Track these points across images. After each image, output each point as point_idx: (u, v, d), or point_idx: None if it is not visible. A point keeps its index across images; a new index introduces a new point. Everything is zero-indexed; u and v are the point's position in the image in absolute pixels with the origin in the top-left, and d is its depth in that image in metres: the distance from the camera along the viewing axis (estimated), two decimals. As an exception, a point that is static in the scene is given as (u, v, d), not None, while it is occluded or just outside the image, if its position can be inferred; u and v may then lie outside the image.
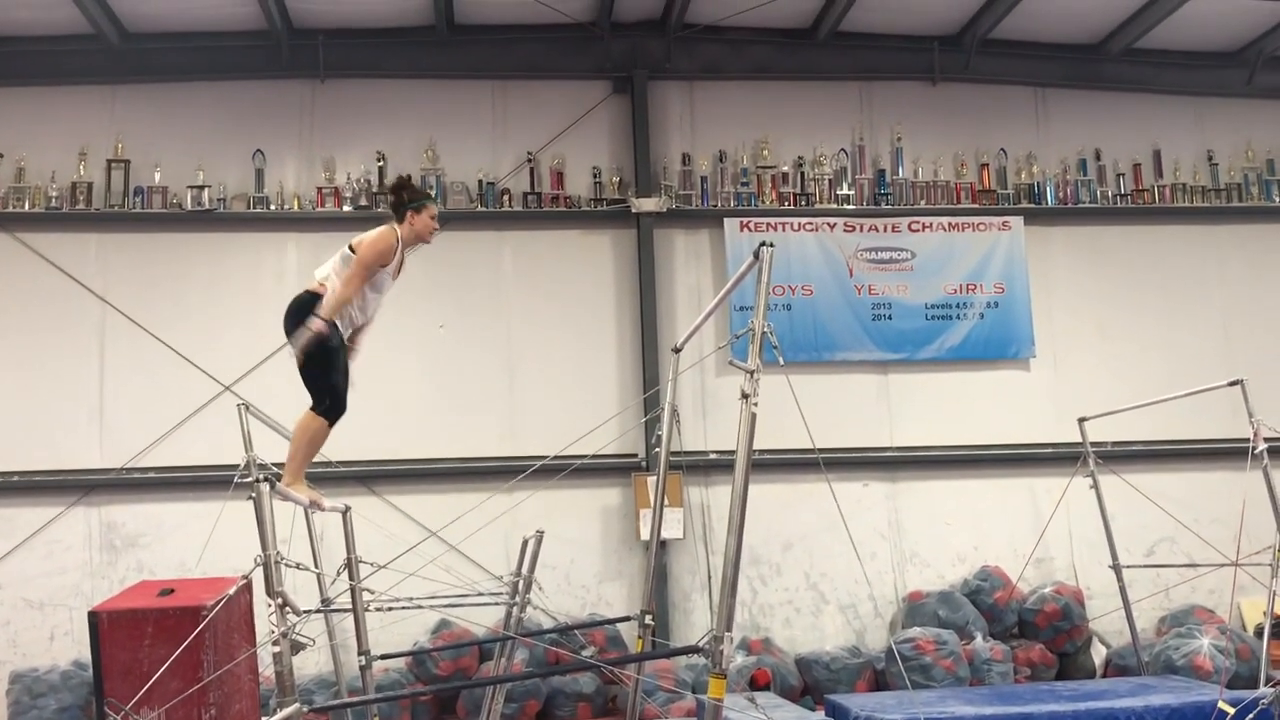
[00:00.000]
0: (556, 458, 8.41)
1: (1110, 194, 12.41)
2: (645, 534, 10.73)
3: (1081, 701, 8.29)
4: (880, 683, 10.87)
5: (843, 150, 12.16)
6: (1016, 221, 12.11)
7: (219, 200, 11.29)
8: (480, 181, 11.64)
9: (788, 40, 12.10)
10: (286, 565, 5.30)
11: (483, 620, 10.14)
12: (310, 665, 10.29)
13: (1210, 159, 12.65)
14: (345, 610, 7.79)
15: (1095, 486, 10.32)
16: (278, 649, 4.99)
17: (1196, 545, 10.87)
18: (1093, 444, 10.43)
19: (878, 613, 11.45)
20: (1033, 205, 12.23)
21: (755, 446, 5.14)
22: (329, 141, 11.62)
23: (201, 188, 11.24)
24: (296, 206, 11.42)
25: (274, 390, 10.78)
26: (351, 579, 7.07)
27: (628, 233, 11.72)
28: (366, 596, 7.45)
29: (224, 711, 6.37)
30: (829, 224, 11.86)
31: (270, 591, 5.01)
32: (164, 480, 10.86)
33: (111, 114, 11.41)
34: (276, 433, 8.69)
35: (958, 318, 11.92)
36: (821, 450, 6.41)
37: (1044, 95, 12.58)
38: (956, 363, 11.90)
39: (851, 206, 11.99)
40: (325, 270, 6.65)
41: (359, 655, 7.47)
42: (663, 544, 10.40)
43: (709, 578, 10.89)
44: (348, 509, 7.51)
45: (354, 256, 6.52)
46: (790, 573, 11.43)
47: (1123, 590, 10.28)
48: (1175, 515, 10.79)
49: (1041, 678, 10.93)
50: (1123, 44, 12.20)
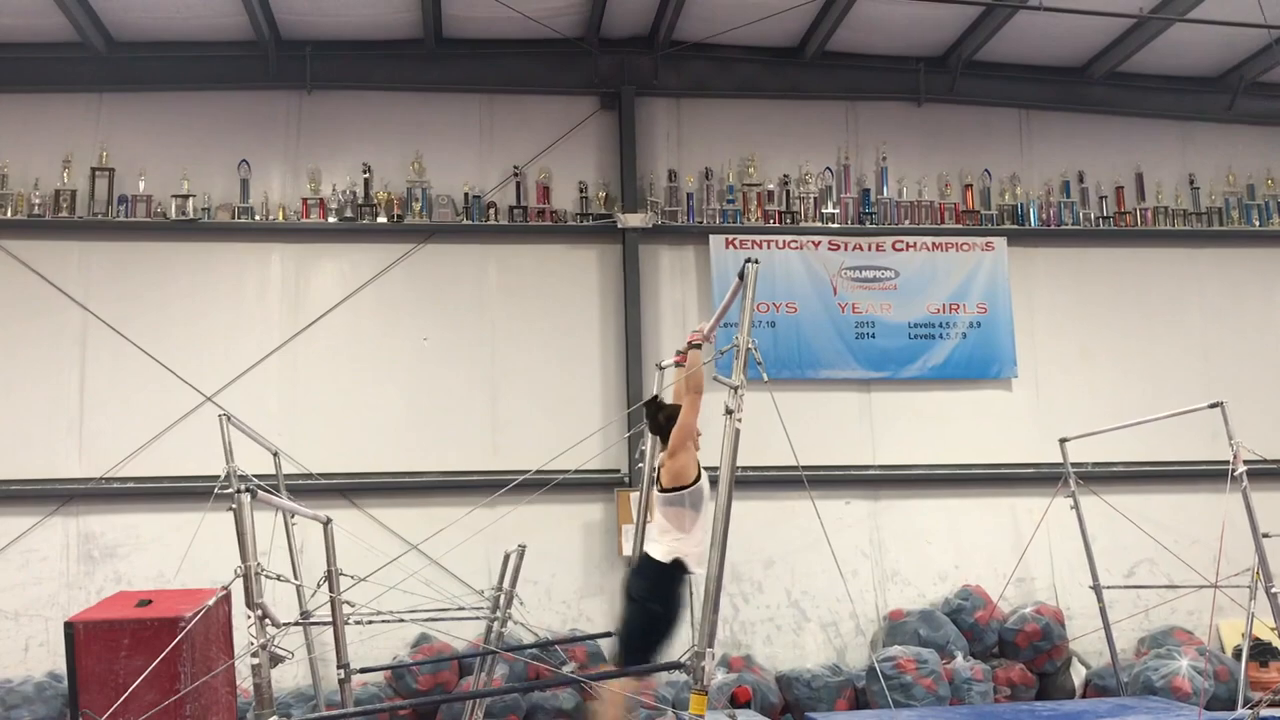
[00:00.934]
0: (539, 472, 8.39)
1: (1093, 216, 12.51)
2: (627, 550, 10.69)
3: (1061, 721, 8.31)
4: (861, 701, 10.86)
5: (828, 169, 12.22)
6: (1000, 242, 12.18)
7: (203, 210, 11.25)
8: (466, 195, 11.63)
9: (775, 59, 12.17)
10: (267, 577, 5.26)
11: (463, 635, 10.09)
12: (289, 678, 10.22)
13: (1192, 183, 12.76)
14: (325, 623, 7.73)
15: (1076, 507, 10.38)
16: (256, 661, 4.96)
17: (1176, 566, 10.94)
18: (1074, 464, 10.49)
19: (859, 631, 11.45)
20: (1016, 226, 12.30)
21: (738, 463, 5.15)
22: (315, 153, 11.61)
23: (186, 197, 11.20)
24: (281, 217, 11.39)
25: (256, 401, 10.79)
26: (331, 591, 7.02)
27: (613, 248, 11.73)
28: (346, 609, 7.39)
29: (200, 724, 6.32)
30: (814, 242, 11.91)
31: (250, 603, 4.97)
32: (143, 490, 10.78)
33: (97, 122, 11.36)
34: (257, 443, 8.68)
35: (940, 337, 11.97)
36: (804, 468, 6.41)
37: (1028, 117, 12.67)
38: (939, 382, 11.94)
39: (836, 225, 12.04)
40: (669, 541, 6.65)
41: (338, 669, 7.40)
42: (644, 560, 10.36)
43: (691, 594, 10.90)
44: (328, 521, 7.47)
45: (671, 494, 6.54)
46: (772, 590, 11.42)
47: (1103, 611, 10.33)
48: (1155, 537, 10.85)
49: (1021, 697, 10.94)
50: (1106, 68, 12.31)
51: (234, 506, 5.14)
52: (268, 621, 5.01)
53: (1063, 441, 10.54)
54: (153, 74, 11.42)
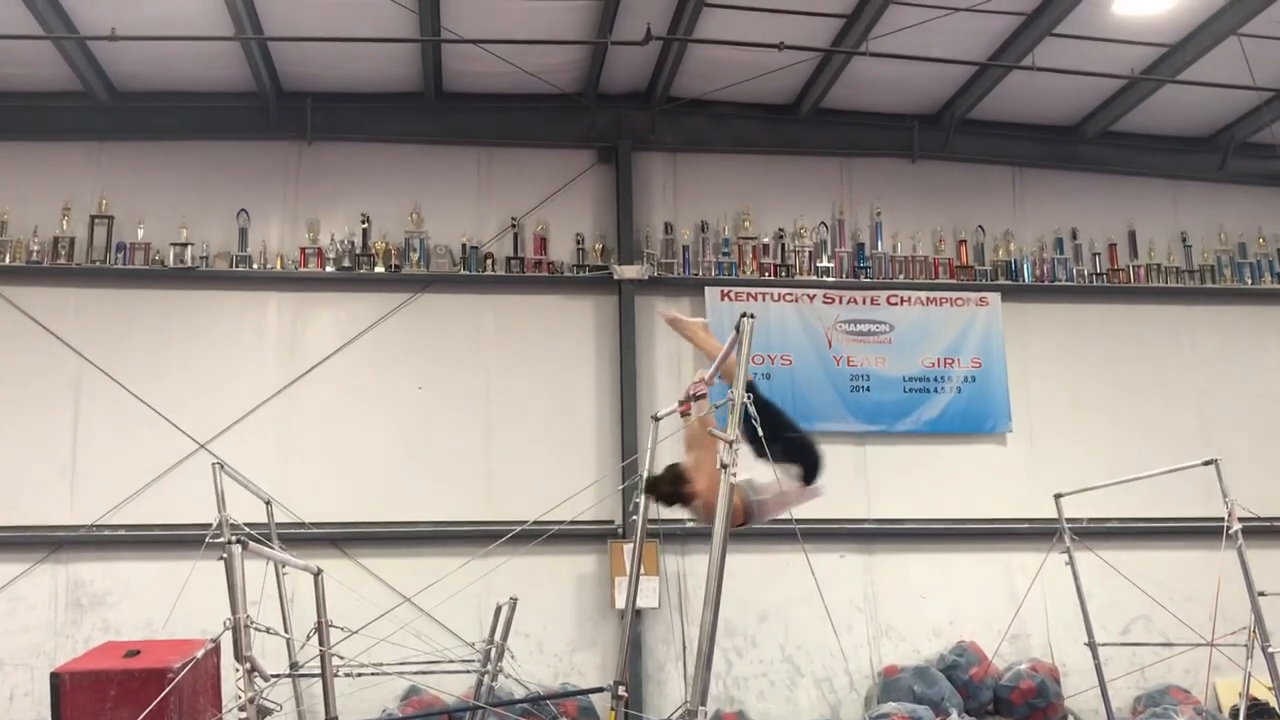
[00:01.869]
0: (533, 523, 8.37)
1: (1086, 272, 12.58)
2: (620, 602, 10.63)
3: (1057, 781, 8.22)
4: (854, 759, 10.74)
5: (823, 223, 12.30)
6: (994, 297, 12.24)
7: (201, 258, 11.29)
8: (464, 245, 11.70)
9: (770, 115, 12.30)
10: (256, 629, 5.23)
11: (453, 688, 9.98)
12: (276, 731, 10.08)
13: (1184, 241, 12.86)
14: (314, 675, 7.68)
15: (1071, 563, 10.34)
16: (245, 715, 4.91)
17: (1172, 624, 10.87)
18: (1068, 520, 10.46)
19: (853, 687, 11.34)
20: (1010, 282, 12.38)
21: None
22: (314, 202, 11.68)
23: (184, 245, 11.25)
24: (279, 266, 11.43)
25: (249, 449, 10.76)
26: (321, 644, 6.97)
27: (609, 299, 11.78)
28: (336, 662, 7.33)
29: (186, 778, 6.24)
30: (809, 295, 11.96)
31: (239, 655, 4.93)
32: (134, 538, 10.72)
33: (97, 170, 11.44)
34: (250, 492, 8.65)
35: (935, 391, 11.98)
36: (798, 521, 6.39)
37: (1022, 174, 12.80)
38: (933, 436, 11.94)
39: (831, 279, 12.11)
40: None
41: (326, 721, 7.32)
42: (638, 613, 10.32)
43: (684, 648, 10.84)
44: (319, 572, 7.43)
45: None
46: (765, 644, 11.33)
47: (1098, 668, 10.25)
48: (1150, 594, 10.79)
49: (1017, 756, 10.83)
50: (1099, 127, 12.45)
51: (225, 557, 5.12)
52: (256, 674, 4.97)
53: (1057, 497, 10.52)
54: (154, 123, 11.52)
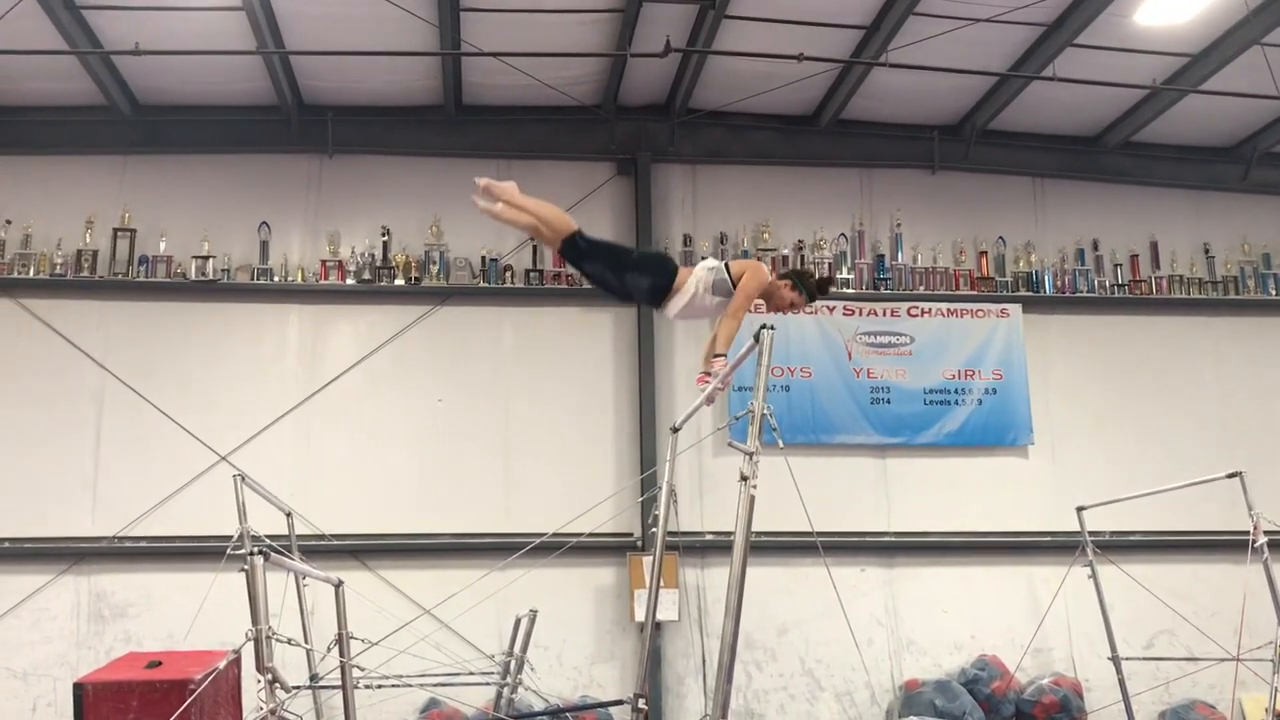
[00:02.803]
0: (552, 536, 8.36)
1: (1108, 284, 12.51)
2: (640, 615, 10.61)
3: (1081, 797, 8.14)
4: (876, 773, 10.68)
5: (843, 235, 12.28)
6: (1015, 309, 12.19)
7: (223, 271, 11.36)
8: (483, 258, 11.73)
9: (789, 127, 12.30)
10: (277, 640, 5.23)
11: (473, 700, 9.98)
12: (296, 743, 10.10)
13: (1207, 251, 12.77)
14: (334, 687, 7.67)
15: (1094, 576, 10.26)
16: (265, 726, 4.91)
17: (1196, 638, 10.78)
18: (1091, 533, 10.38)
19: (874, 701, 11.27)
20: (1031, 293, 12.32)
21: (752, 529, 5.12)
22: (334, 215, 11.74)
23: (206, 258, 11.32)
24: (300, 279, 11.49)
25: (270, 461, 10.80)
26: (342, 655, 6.96)
27: (628, 311, 11.77)
28: (356, 673, 7.33)
29: (207, 789, 6.25)
30: (828, 307, 11.93)
31: (260, 667, 4.94)
32: (155, 550, 10.76)
33: (120, 184, 11.53)
34: (271, 504, 8.68)
35: (956, 403, 11.93)
36: (819, 534, 6.37)
37: (1042, 185, 12.74)
38: (954, 448, 11.88)
39: (851, 290, 12.07)
40: (701, 272, 6.73)
41: (346, 734, 7.32)
42: (657, 626, 10.28)
43: (704, 661, 10.79)
44: (340, 584, 7.43)
45: (729, 280, 6.54)
46: (785, 658, 11.28)
47: (1122, 683, 10.15)
48: (1174, 607, 10.70)
49: (1040, 772, 10.74)
50: (1120, 137, 12.40)
51: (246, 568, 5.13)
52: (278, 686, 4.97)
53: (1080, 510, 10.44)
54: (176, 137, 11.61)
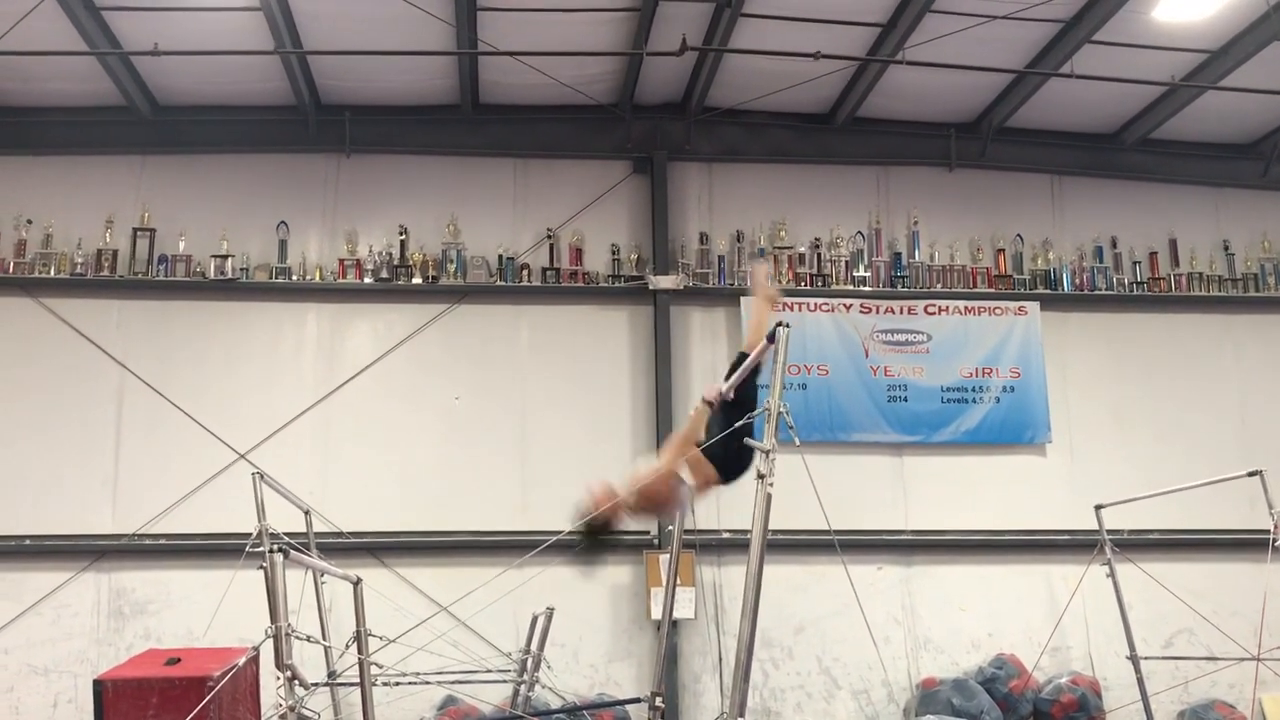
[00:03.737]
0: (569, 533, 8.36)
1: (1126, 281, 12.46)
2: (656, 613, 10.61)
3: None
4: (893, 772, 10.66)
5: (859, 233, 12.26)
6: (1033, 307, 12.14)
7: (242, 270, 11.42)
8: (500, 256, 11.75)
9: (806, 125, 12.28)
10: (296, 638, 5.26)
11: (490, 697, 10.01)
12: (314, 740, 10.15)
13: (1226, 249, 12.69)
14: (353, 684, 7.72)
15: (1112, 575, 10.22)
16: (284, 722, 4.94)
17: (1216, 637, 10.72)
18: (1109, 531, 10.35)
19: (891, 699, 11.26)
20: (1049, 291, 12.27)
21: (769, 527, 5.12)
22: (352, 214, 11.79)
23: (225, 257, 11.38)
24: (318, 277, 11.54)
25: (288, 459, 10.86)
26: (360, 653, 7.01)
27: (645, 309, 11.79)
28: (374, 670, 7.37)
29: (226, 785, 6.29)
30: (845, 305, 11.92)
31: (280, 664, 4.97)
32: (175, 547, 10.84)
33: (139, 183, 11.60)
34: (289, 502, 8.73)
35: (973, 401, 11.90)
36: (836, 532, 6.35)
37: (1060, 183, 12.69)
38: (972, 446, 11.84)
39: (868, 288, 12.05)
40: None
41: (364, 730, 7.36)
42: (674, 624, 10.29)
43: (720, 660, 10.80)
44: (358, 581, 7.47)
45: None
46: (802, 656, 11.28)
47: (1140, 682, 10.11)
48: (1194, 606, 10.65)
49: (1058, 771, 10.71)
50: (1139, 134, 12.33)
51: (265, 566, 5.16)
52: (296, 682, 5.00)
53: (1098, 508, 10.40)
54: (195, 137, 11.67)
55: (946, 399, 11.86)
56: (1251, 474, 8.97)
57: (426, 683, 8.68)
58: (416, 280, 11.60)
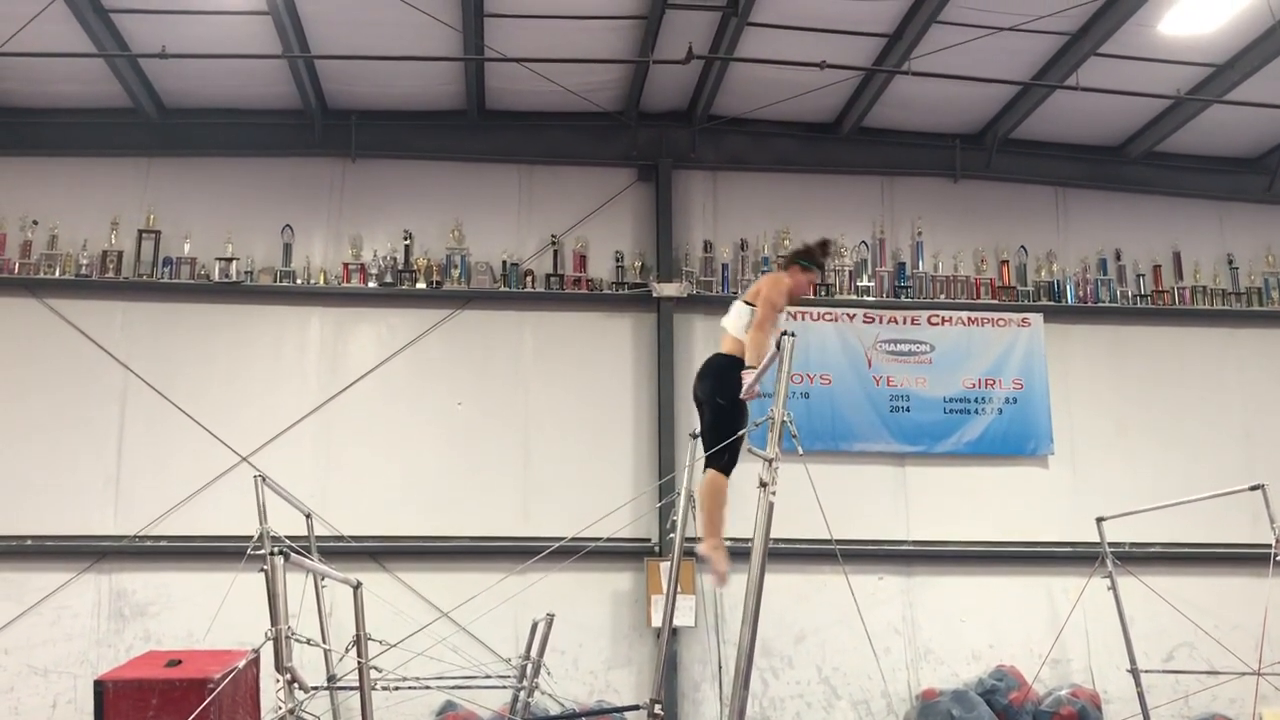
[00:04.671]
0: (570, 540, 8.37)
1: (1130, 294, 12.45)
2: (657, 620, 10.61)
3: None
4: (891, 783, 10.64)
5: (863, 242, 12.27)
6: (1036, 318, 12.14)
7: (246, 273, 11.44)
8: (504, 262, 11.77)
9: (811, 134, 12.29)
10: (296, 641, 5.26)
11: (489, 703, 10.01)
12: (312, 744, 10.14)
13: (1230, 262, 12.69)
14: (352, 688, 7.70)
15: (1113, 588, 10.20)
16: (284, 725, 4.94)
17: (1217, 651, 10.70)
18: (1111, 544, 10.33)
19: (891, 710, 11.24)
20: (1052, 303, 12.27)
21: (770, 536, 5.12)
22: (357, 219, 11.81)
23: (230, 260, 11.40)
24: (322, 281, 11.56)
25: (290, 462, 10.86)
26: (360, 657, 6.99)
27: (648, 317, 11.80)
28: (374, 675, 7.36)
29: (225, 788, 6.28)
30: (848, 314, 11.92)
31: (280, 666, 4.97)
32: (176, 549, 10.84)
33: (145, 186, 11.63)
34: (291, 505, 8.73)
35: (976, 412, 11.89)
36: (837, 541, 6.36)
37: (1065, 195, 12.70)
38: (974, 457, 11.84)
39: (871, 298, 12.06)
40: (735, 325, 6.70)
41: (363, 735, 7.35)
42: (674, 632, 10.28)
43: (720, 668, 10.78)
44: (359, 585, 7.46)
45: (755, 307, 6.58)
46: (802, 665, 11.26)
47: (1141, 696, 10.09)
48: (1195, 620, 10.63)
49: (1057, 784, 10.68)
50: (1144, 147, 12.34)
51: (266, 568, 5.16)
52: (296, 686, 5.00)
53: (1100, 520, 10.39)
54: (201, 140, 11.70)
55: (949, 409, 11.86)
56: (1254, 488, 8.96)
57: (426, 688, 8.66)
58: (420, 285, 11.62)
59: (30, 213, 11.32)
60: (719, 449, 6.49)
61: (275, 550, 5.23)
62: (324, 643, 8.24)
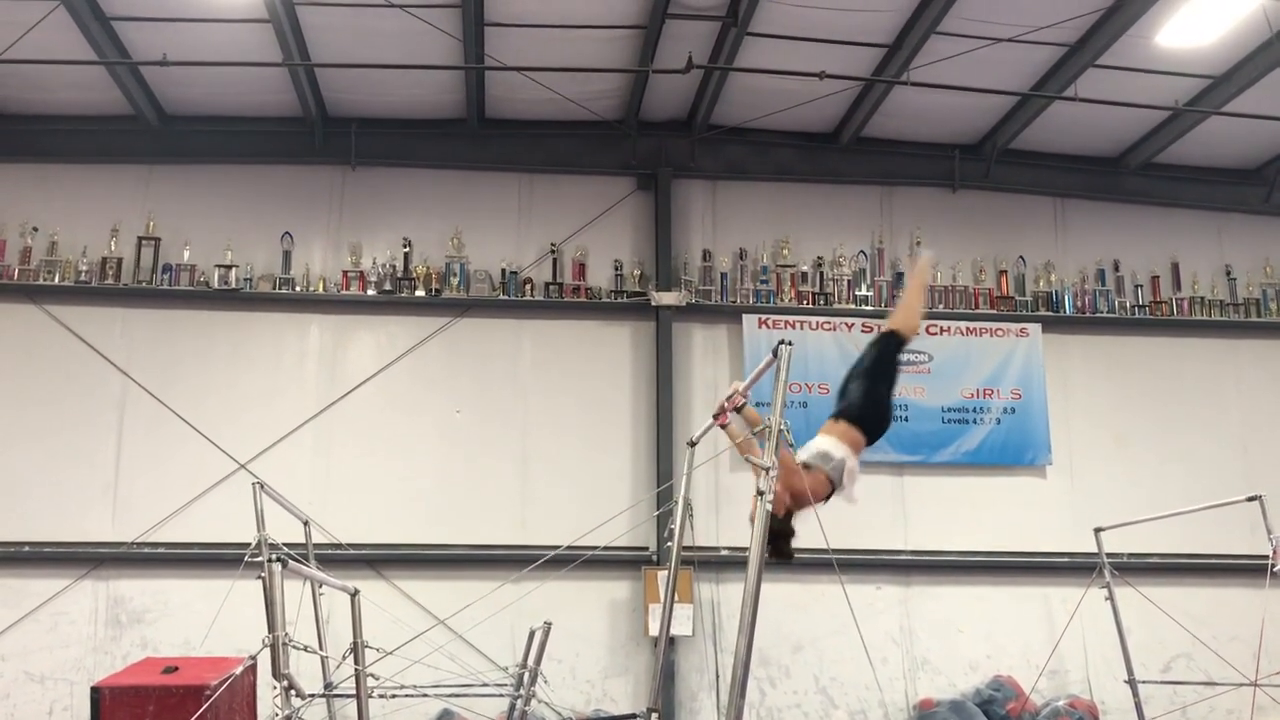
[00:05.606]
0: (568, 548, 8.37)
1: (1128, 305, 12.47)
2: (654, 629, 10.61)
3: (1095, 821, 8.08)
4: (889, 793, 10.62)
5: (862, 252, 12.29)
6: (1034, 329, 12.16)
7: (245, 280, 11.45)
8: (503, 270, 11.78)
9: (810, 144, 12.32)
10: (293, 648, 5.26)
11: (486, 711, 9.98)
12: (309, 751, 10.13)
13: (1228, 274, 12.71)
14: (349, 696, 7.71)
15: (1111, 598, 10.19)
16: (280, 732, 4.94)
17: (1214, 662, 10.68)
18: (1109, 555, 10.32)
19: (888, 719, 11.22)
20: (1051, 313, 12.29)
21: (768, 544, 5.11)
22: (357, 226, 11.82)
23: (229, 267, 11.42)
24: (321, 289, 11.58)
25: (289, 469, 10.86)
26: (357, 664, 7.00)
27: (647, 325, 11.81)
28: (370, 682, 7.36)
29: (221, 795, 6.28)
30: (847, 324, 11.93)
31: (277, 673, 4.97)
32: (174, 556, 10.83)
33: (145, 193, 11.65)
34: (289, 512, 8.73)
35: (974, 422, 11.90)
36: (835, 551, 6.35)
37: (1063, 205, 12.72)
38: (972, 467, 11.85)
39: (870, 307, 12.07)
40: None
41: (360, 743, 7.35)
42: (671, 641, 10.28)
43: (717, 677, 10.78)
44: (356, 593, 7.47)
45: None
46: (799, 675, 11.25)
47: (1138, 706, 10.07)
48: (1193, 631, 10.62)
49: (1054, 794, 10.66)
50: (1142, 158, 12.37)
51: (263, 575, 5.16)
52: (293, 692, 5.00)
53: (1098, 531, 10.38)
54: (201, 147, 11.72)
55: (947, 419, 11.87)
56: (1251, 499, 8.95)
57: (423, 695, 8.65)
58: (419, 293, 11.63)
59: (30, 219, 11.34)
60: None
61: (273, 557, 5.23)
62: (321, 650, 8.24)
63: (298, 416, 11.27)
